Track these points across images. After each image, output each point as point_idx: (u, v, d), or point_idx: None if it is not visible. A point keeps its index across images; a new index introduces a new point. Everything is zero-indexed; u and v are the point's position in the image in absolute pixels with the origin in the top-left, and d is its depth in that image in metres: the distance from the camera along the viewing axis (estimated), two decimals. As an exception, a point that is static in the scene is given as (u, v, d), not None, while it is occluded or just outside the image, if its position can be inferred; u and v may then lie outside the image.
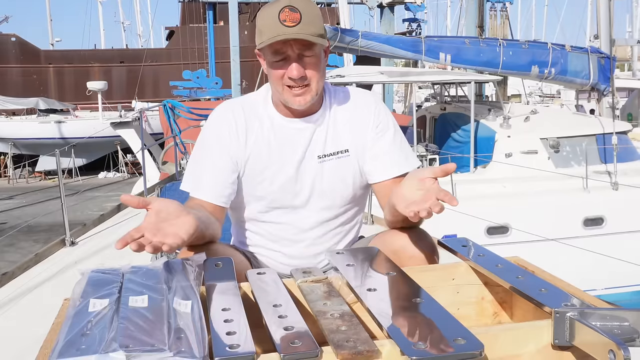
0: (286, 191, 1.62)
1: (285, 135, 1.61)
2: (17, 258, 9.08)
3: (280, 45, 1.48)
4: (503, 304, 1.36)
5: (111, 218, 5.34)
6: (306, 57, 1.50)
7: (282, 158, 1.61)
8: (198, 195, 1.58)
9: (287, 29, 1.44)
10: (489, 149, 8.62)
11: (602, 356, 0.90)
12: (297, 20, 1.45)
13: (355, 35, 9.03)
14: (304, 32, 1.45)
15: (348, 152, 1.63)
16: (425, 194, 1.30)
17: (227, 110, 1.64)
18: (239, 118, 1.62)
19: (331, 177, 1.62)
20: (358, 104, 1.66)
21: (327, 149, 1.62)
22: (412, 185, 1.35)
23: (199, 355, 0.90)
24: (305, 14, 1.46)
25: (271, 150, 1.61)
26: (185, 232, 1.23)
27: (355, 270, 1.30)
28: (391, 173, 1.62)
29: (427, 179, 1.33)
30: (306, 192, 1.62)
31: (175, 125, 8.76)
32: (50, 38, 36.90)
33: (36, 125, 19.88)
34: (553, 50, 9.49)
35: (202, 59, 23.64)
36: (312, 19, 1.47)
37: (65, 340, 0.94)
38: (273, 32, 1.45)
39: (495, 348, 0.97)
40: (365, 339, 0.95)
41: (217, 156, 1.60)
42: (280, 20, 1.44)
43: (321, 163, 1.62)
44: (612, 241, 7.44)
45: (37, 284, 3.53)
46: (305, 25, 1.45)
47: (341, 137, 1.63)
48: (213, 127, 1.64)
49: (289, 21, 1.44)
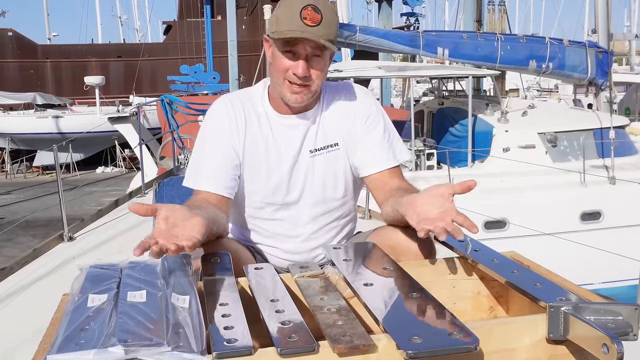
0: (280, 188, 1.63)
1: (281, 132, 1.63)
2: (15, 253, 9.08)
3: (295, 40, 1.49)
4: (499, 299, 1.37)
5: (109, 213, 5.34)
6: (315, 57, 1.52)
7: (277, 154, 1.62)
8: (202, 187, 1.58)
9: (307, 28, 1.46)
10: (487, 144, 8.62)
11: (596, 350, 0.91)
12: (318, 22, 1.47)
13: (353, 30, 9.01)
14: (322, 35, 1.47)
15: (338, 146, 1.65)
16: (440, 213, 1.27)
17: (226, 104, 1.65)
18: (238, 112, 1.63)
19: (322, 171, 1.64)
20: (349, 98, 1.68)
21: (318, 144, 1.64)
22: (427, 200, 1.32)
23: (197, 350, 0.91)
24: (325, 17, 1.48)
25: (268, 147, 1.62)
26: (198, 232, 1.23)
27: (352, 265, 1.31)
28: (381, 166, 1.63)
29: (445, 195, 1.30)
30: (299, 188, 1.64)
31: (173, 120, 8.75)
32: (47, 32, 36.75)
33: (34, 120, 19.84)
34: (551, 45, 9.48)
35: (199, 53, 23.56)
36: (330, 24, 1.49)
37: (64, 335, 0.95)
38: (292, 26, 1.47)
39: (491, 342, 0.98)
40: (362, 333, 0.96)
41: (219, 147, 1.61)
42: (301, 17, 1.46)
43: (312, 158, 1.63)
44: (610, 235, 7.45)
45: (36, 279, 3.53)
46: (324, 28, 1.48)
47: (331, 131, 1.65)
48: (213, 120, 1.65)
49: (309, 20, 1.46)
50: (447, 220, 1.24)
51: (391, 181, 1.61)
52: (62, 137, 16.55)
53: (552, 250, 6.46)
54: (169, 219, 1.22)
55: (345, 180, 1.67)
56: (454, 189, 1.29)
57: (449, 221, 1.24)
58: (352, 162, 1.66)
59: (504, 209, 7.61)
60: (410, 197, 1.38)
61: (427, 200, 1.32)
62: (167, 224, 1.21)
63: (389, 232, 1.51)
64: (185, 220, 1.24)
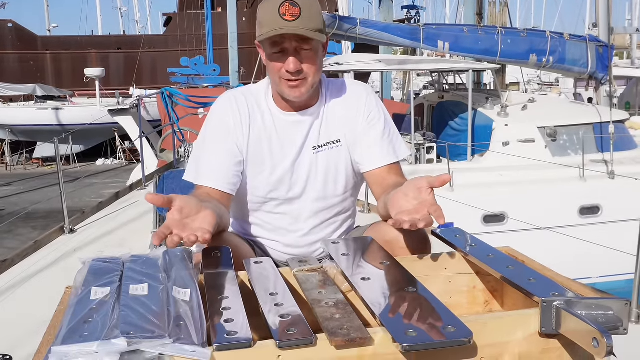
0: (283, 183, 1.65)
1: (285, 129, 1.64)
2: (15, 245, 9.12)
3: (278, 38, 1.50)
4: (494, 293, 1.39)
5: (110, 206, 5.36)
6: (303, 50, 1.52)
7: (281, 151, 1.64)
8: (205, 183, 1.60)
9: (286, 23, 1.47)
10: (487, 138, 8.64)
11: (587, 344, 0.93)
12: (297, 15, 1.47)
13: (353, 23, 9.01)
14: (303, 27, 1.47)
15: (340, 142, 1.66)
16: (417, 205, 1.32)
17: (231, 100, 1.67)
18: (242, 108, 1.65)
19: (325, 167, 1.66)
20: (350, 95, 1.69)
21: (321, 140, 1.66)
22: (409, 193, 1.36)
23: (198, 342, 0.92)
24: (305, 8, 1.48)
25: (271, 143, 1.64)
26: (209, 225, 1.27)
27: (350, 259, 1.33)
28: (381, 162, 1.65)
29: (423, 188, 1.33)
30: (302, 183, 1.66)
31: (174, 113, 8.74)
32: (47, 24, 36.66)
33: (33, 112, 19.82)
34: (551, 39, 9.48)
35: (200, 45, 23.52)
36: (311, 14, 1.49)
37: (68, 327, 0.96)
38: (272, 26, 1.48)
39: (484, 335, 1.00)
40: (359, 326, 0.98)
41: (223, 143, 1.62)
42: (280, 14, 1.47)
43: (316, 154, 1.65)
44: (608, 230, 7.47)
45: (37, 271, 3.55)
46: (305, 20, 1.48)
47: (333, 128, 1.66)
48: (218, 115, 1.66)
49: (288, 15, 1.47)
50: (423, 212, 1.28)
51: (390, 177, 1.63)
52: (62, 129, 16.52)
53: (550, 244, 6.49)
54: (184, 210, 1.26)
55: (346, 177, 1.69)
56: (431, 182, 1.32)
57: (425, 213, 1.28)
58: (353, 158, 1.68)
59: (503, 203, 7.63)
60: (394, 193, 1.42)
61: (408, 192, 1.36)
62: (181, 215, 1.25)
63: (385, 228, 1.53)
64: (198, 212, 1.28)
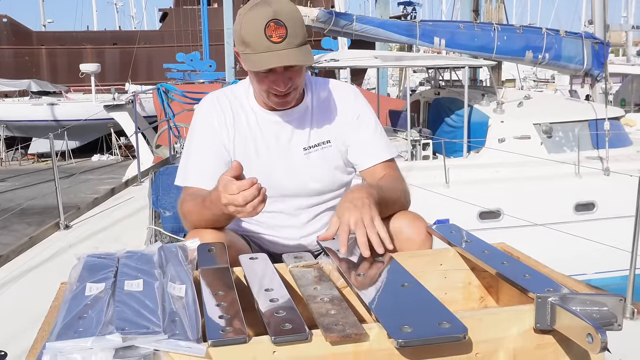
0: (274, 182, 1.65)
1: (269, 128, 1.65)
2: (10, 240, 9.09)
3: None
4: (489, 289, 1.40)
5: (105, 202, 5.36)
6: (292, 67, 1.50)
7: (267, 151, 1.65)
8: (195, 184, 1.60)
9: (276, 46, 1.43)
10: (482, 134, 8.65)
11: (581, 340, 0.93)
12: (284, 36, 1.43)
13: (349, 19, 8.99)
14: (292, 47, 1.44)
15: (330, 143, 1.69)
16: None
17: (214, 102, 1.68)
18: (226, 110, 1.66)
19: (318, 167, 1.68)
20: (338, 96, 1.71)
21: (312, 141, 1.67)
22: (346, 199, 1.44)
23: (193, 338, 0.92)
24: (290, 26, 1.44)
25: (257, 144, 1.65)
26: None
27: (346, 255, 1.33)
28: (378, 158, 1.69)
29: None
30: (294, 183, 1.67)
31: (169, 108, 8.73)
32: (42, 19, 36.53)
33: (29, 107, 19.74)
34: (547, 36, 9.48)
35: (196, 41, 23.46)
36: (296, 30, 1.45)
37: (62, 323, 0.96)
38: (260, 47, 1.44)
39: (479, 331, 1.01)
40: (354, 322, 0.98)
41: (210, 144, 1.64)
42: (266, 36, 1.43)
43: (307, 155, 1.67)
44: (603, 226, 7.50)
45: (32, 267, 3.55)
46: (291, 39, 1.44)
47: (323, 129, 1.68)
48: (201, 118, 1.67)
49: (275, 37, 1.43)
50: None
51: (382, 174, 1.67)
52: (58, 125, 16.46)
53: (546, 240, 6.51)
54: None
55: (338, 175, 1.71)
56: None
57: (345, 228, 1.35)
58: (344, 157, 1.70)
59: (499, 199, 7.64)
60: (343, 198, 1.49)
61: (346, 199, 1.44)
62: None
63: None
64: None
